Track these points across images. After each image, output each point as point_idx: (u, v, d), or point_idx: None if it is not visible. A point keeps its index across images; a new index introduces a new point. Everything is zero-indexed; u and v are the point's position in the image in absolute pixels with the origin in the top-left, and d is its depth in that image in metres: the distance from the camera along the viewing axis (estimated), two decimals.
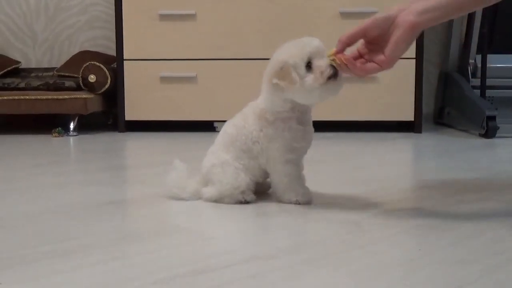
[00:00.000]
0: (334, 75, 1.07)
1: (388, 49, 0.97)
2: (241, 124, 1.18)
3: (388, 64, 0.99)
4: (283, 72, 1.08)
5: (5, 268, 0.80)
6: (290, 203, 1.15)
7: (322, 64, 1.07)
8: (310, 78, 1.07)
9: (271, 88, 1.11)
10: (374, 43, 1.03)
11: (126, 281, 0.75)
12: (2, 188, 1.42)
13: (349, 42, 1.04)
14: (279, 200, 1.17)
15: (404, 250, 0.86)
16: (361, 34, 1.02)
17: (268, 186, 1.24)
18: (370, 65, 1.01)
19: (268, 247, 0.90)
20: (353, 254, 0.85)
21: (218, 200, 1.17)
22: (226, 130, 1.20)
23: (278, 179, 1.16)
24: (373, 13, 2.97)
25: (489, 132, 2.35)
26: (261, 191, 1.23)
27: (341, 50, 1.05)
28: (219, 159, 1.18)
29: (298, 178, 1.17)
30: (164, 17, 2.67)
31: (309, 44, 1.09)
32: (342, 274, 0.77)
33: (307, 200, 1.16)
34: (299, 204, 1.15)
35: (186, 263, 0.82)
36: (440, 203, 1.21)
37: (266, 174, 1.20)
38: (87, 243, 0.93)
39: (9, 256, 0.86)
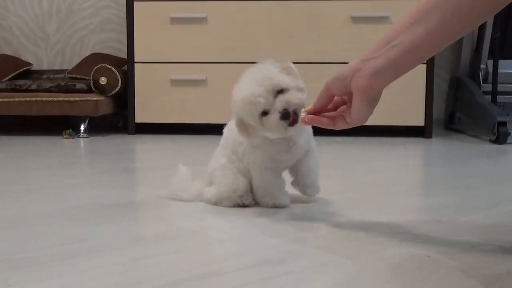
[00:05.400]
0: (291, 123, 1.02)
1: (351, 112, 0.90)
2: (232, 125, 1.20)
3: (355, 124, 0.92)
4: (240, 126, 1.08)
5: (15, 269, 0.81)
6: (268, 207, 1.17)
7: (272, 119, 1.02)
8: (267, 132, 1.05)
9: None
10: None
11: (134, 284, 0.75)
12: (12, 189, 1.43)
13: (321, 105, 0.96)
14: (259, 203, 1.19)
15: (412, 257, 0.86)
16: (328, 93, 0.94)
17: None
18: (339, 121, 0.94)
19: (277, 251, 0.90)
20: (361, 260, 0.85)
21: (217, 202, 1.19)
22: (223, 132, 1.25)
23: (257, 184, 1.18)
24: (384, 17, 2.94)
25: (500, 138, 2.33)
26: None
27: (313, 112, 0.97)
28: (219, 162, 1.21)
29: (276, 183, 1.18)
30: (175, 20, 2.69)
31: (259, 97, 1.02)
32: (351, 279, 0.77)
33: (284, 204, 1.18)
34: (276, 207, 1.17)
35: (194, 266, 0.82)
36: (448, 210, 1.21)
37: None
38: (96, 245, 0.93)
39: (19, 257, 0.86)
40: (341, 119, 0.94)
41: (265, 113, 1.04)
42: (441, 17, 0.80)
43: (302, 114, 1.00)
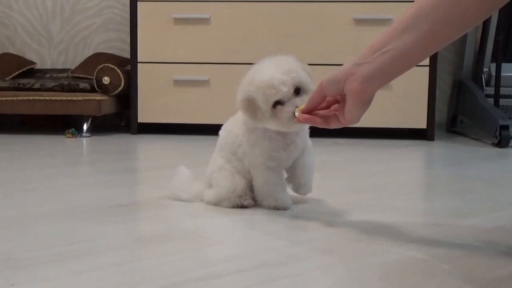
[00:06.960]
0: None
1: (345, 113, 0.93)
2: (229, 127, 1.21)
3: (348, 124, 0.95)
4: (248, 104, 1.08)
5: (17, 269, 0.81)
6: (269, 208, 1.17)
7: (286, 111, 1.05)
8: (273, 121, 1.07)
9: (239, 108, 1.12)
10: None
11: (135, 285, 0.75)
12: (15, 188, 1.44)
13: (315, 104, 0.99)
14: (260, 205, 1.19)
15: (414, 260, 0.86)
16: (321, 95, 0.97)
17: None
18: (332, 120, 0.97)
19: (278, 253, 0.90)
20: (363, 262, 0.85)
21: (217, 203, 1.20)
22: (219, 134, 1.25)
23: (258, 185, 1.18)
24: (387, 20, 2.93)
25: (502, 141, 2.33)
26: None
27: (306, 111, 1.00)
28: (216, 164, 1.21)
29: (278, 184, 1.18)
30: (178, 21, 2.69)
31: (283, 84, 1.05)
32: (352, 282, 0.77)
33: (286, 206, 1.18)
34: (278, 209, 1.17)
35: (195, 268, 0.82)
36: (449, 213, 1.21)
37: None
38: (98, 245, 0.94)
39: (21, 257, 0.86)
40: (334, 119, 0.96)
41: (278, 103, 1.06)
42: (432, 24, 0.82)
43: (296, 113, 1.03)
